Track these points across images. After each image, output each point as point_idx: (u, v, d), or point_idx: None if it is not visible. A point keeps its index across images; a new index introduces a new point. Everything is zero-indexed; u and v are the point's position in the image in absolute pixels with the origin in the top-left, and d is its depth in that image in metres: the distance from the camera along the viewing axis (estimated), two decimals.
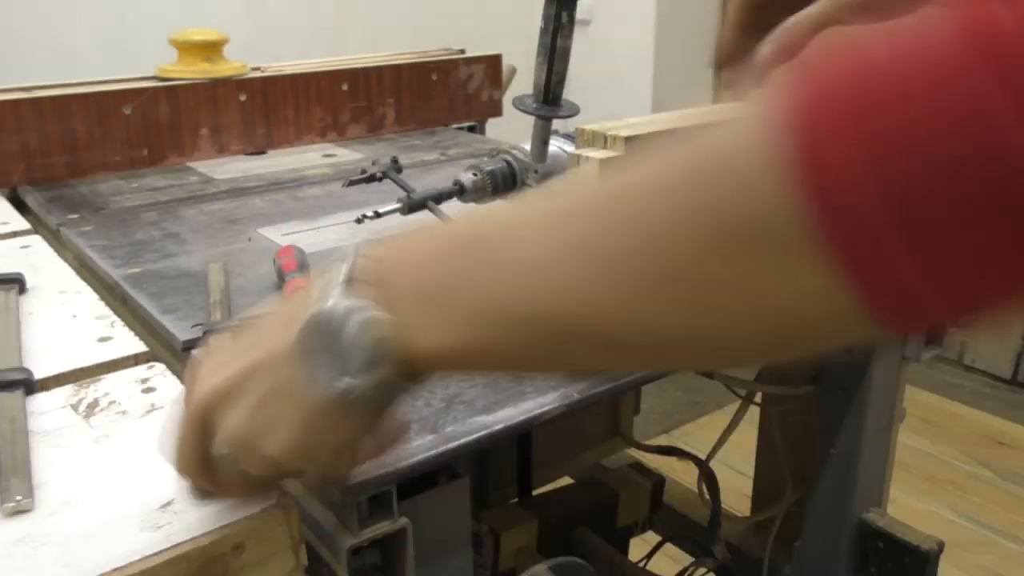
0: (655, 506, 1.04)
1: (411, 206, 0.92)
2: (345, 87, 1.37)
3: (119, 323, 0.75)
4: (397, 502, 0.54)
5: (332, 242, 0.94)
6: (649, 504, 1.03)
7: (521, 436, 1.10)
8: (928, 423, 2.41)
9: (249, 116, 1.30)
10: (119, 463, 0.54)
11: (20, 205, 1.13)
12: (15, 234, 1.00)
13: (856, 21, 0.30)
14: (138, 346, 0.71)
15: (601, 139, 0.60)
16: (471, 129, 1.54)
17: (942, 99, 0.27)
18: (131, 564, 0.45)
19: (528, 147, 0.98)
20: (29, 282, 0.83)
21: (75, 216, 1.03)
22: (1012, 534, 2.00)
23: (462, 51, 1.54)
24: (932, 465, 2.25)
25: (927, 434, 2.34)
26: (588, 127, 0.62)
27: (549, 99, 0.94)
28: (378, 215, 0.92)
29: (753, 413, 0.97)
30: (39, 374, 0.65)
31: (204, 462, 0.48)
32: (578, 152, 0.60)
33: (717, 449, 0.96)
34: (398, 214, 0.92)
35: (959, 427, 2.41)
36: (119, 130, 1.19)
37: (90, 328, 0.74)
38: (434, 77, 1.46)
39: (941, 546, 0.92)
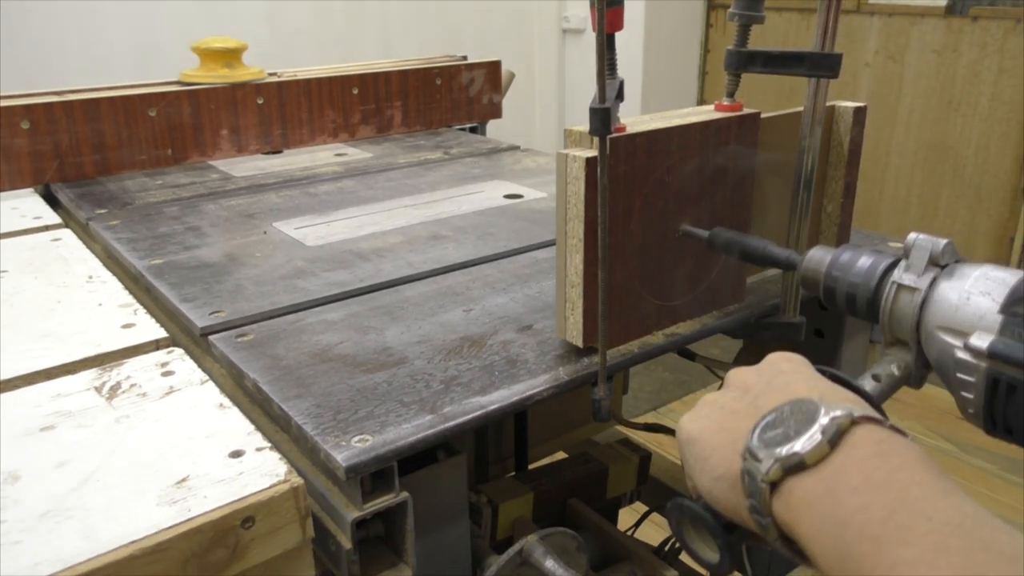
0: (642, 479, 1.03)
1: None
2: (355, 91, 1.36)
3: (142, 311, 0.74)
4: (398, 477, 0.53)
5: (342, 235, 0.93)
6: (636, 477, 1.02)
7: (518, 414, 1.09)
8: (894, 400, 2.36)
9: (266, 118, 1.28)
10: (138, 442, 0.54)
11: (52, 201, 1.12)
12: (47, 227, 0.99)
13: None
14: (159, 332, 0.70)
15: (588, 139, 0.59)
16: (472, 130, 1.53)
17: None
18: (148, 537, 0.44)
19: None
20: (59, 273, 0.82)
21: (103, 211, 1.02)
22: None
23: (464, 57, 1.52)
24: None
25: (893, 411, 2.31)
26: (575, 128, 0.60)
27: None
28: None
29: None
30: (66, 359, 0.64)
31: None
32: (566, 152, 0.59)
33: None
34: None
35: (923, 404, 2.40)
36: (145, 131, 1.18)
37: (115, 315, 0.73)
38: (438, 82, 1.45)
39: None
